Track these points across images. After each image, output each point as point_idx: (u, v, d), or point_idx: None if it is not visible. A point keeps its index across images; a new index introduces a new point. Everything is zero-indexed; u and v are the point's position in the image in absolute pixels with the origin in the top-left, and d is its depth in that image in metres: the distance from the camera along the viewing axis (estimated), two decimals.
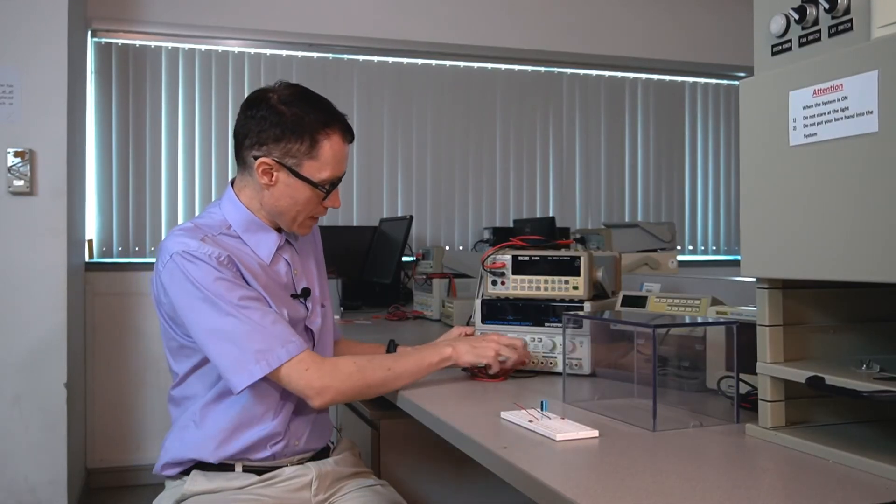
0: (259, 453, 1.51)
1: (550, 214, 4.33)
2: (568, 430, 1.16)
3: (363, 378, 1.43)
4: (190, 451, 1.50)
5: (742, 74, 4.61)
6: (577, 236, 3.25)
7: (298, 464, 1.56)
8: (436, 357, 1.49)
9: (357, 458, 1.71)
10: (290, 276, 1.57)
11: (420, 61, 4.17)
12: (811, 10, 1.03)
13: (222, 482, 1.49)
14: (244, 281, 1.44)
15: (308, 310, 1.58)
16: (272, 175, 1.48)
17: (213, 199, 3.83)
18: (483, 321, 1.73)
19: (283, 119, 1.45)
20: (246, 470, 1.51)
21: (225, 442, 1.49)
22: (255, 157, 1.48)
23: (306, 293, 1.58)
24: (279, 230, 1.57)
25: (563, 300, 1.67)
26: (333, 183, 1.51)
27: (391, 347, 1.75)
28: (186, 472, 1.51)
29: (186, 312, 1.42)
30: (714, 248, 4.72)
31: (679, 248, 4.52)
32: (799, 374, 1.05)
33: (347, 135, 1.52)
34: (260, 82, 3.89)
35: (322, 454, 1.63)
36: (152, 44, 3.79)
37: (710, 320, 1.45)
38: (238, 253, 1.48)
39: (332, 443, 1.70)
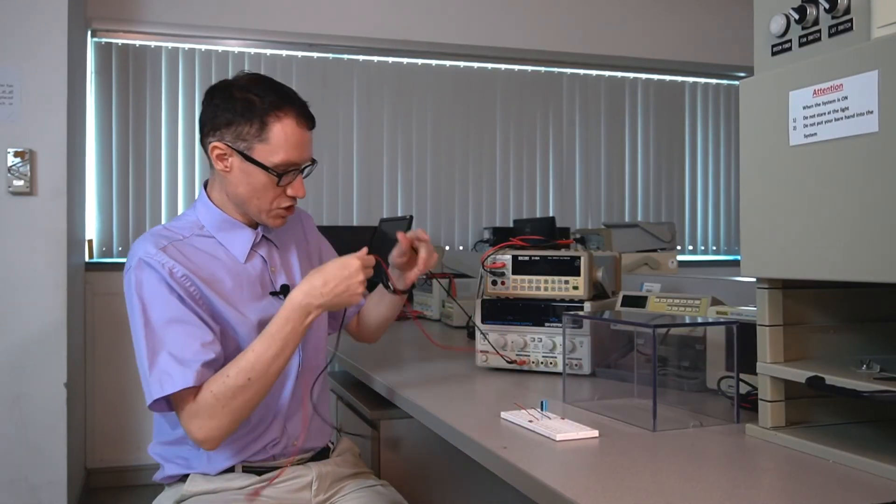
0: (258, 455, 1.51)
1: (550, 214, 4.33)
2: (568, 430, 1.16)
3: (230, 404, 1.33)
4: (190, 467, 1.50)
5: (742, 74, 4.61)
6: (577, 236, 3.25)
7: (298, 464, 1.56)
8: (288, 324, 1.36)
9: (357, 458, 1.71)
10: (267, 274, 1.54)
11: (420, 61, 4.17)
12: (811, 10, 1.03)
13: (222, 483, 1.49)
14: (193, 298, 1.40)
15: None
16: (227, 161, 1.46)
17: None
18: (483, 321, 1.73)
19: (234, 103, 1.44)
20: (246, 470, 1.51)
21: (221, 452, 1.48)
22: (210, 143, 1.47)
23: (286, 290, 1.54)
24: (255, 227, 1.55)
25: (563, 300, 1.67)
26: (290, 169, 1.46)
27: (385, 281, 1.68)
28: (187, 475, 1.51)
29: (129, 317, 1.41)
30: (714, 248, 4.72)
31: (679, 248, 4.52)
32: (799, 374, 1.05)
33: (304, 120, 1.46)
34: None
35: (322, 454, 1.63)
36: (152, 44, 3.79)
37: (710, 320, 1.45)
38: (204, 258, 1.46)
39: (333, 443, 1.70)
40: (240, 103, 1.43)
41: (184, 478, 1.51)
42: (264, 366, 1.34)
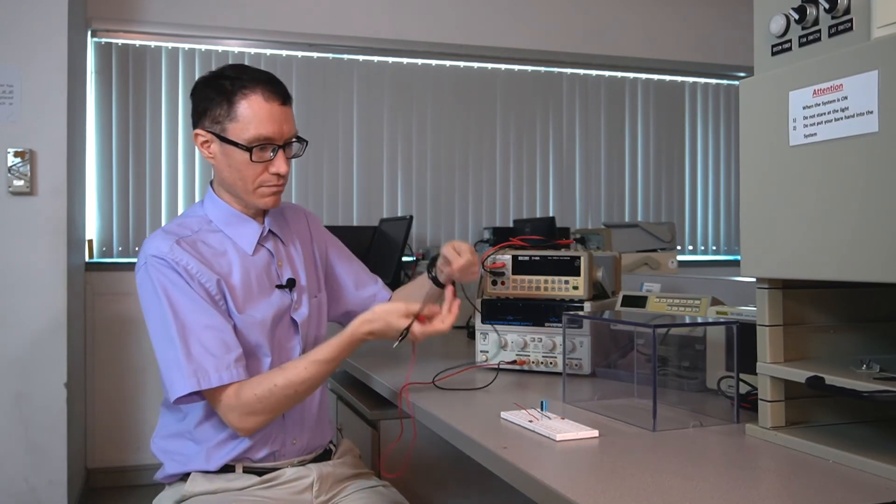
0: (257, 453, 1.51)
1: (550, 214, 4.33)
2: (568, 430, 1.16)
3: (272, 407, 1.43)
4: (190, 465, 1.51)
5: (742, 74, 4.61)
6: (577, 236, 3.25)
7: (299, 465, 1.56)
8: (346, 349, 1.45)
9: (358, 459, 1.71)
10: (273, 267, 1.57)
11: (420, 61, 4.17)
12: (811, 10, 1.03)
13: (223, 483, 1.49)
14: (209, 294, 1.45)
15: (293, 300, 1.58)
16: (210, 147, 1.51)
17: None
18: (483, 321, 1.73)
19: (208, 90, 1.49)
20: (246, 471, 1.51)
21: (221, 448, 1.50)
22: (194, 133, 1.53)
23: (291, 283, 1.58)
24: (262, 221, 1.58)
25: (563, 300, 1.67)
26: (265, 144, 1.47)
27: (431, 269, 1.69)
28: (187, 474, 1.51)
29: (146, 315, 1.46)
30: (714, 248, 4.72)
31: (679, 248, 4.52)
32: (799, 374, 1.05)
33: (273, 94, 1.47)
34: None
35: (324, 456, 1.63)
36: (152, 44, 3.79)
37: (710, 320, 1.45)
38: (214, 253, 1.50)
39: (335, 445, 1.69)
40: (212, 89, 1.49)
41: (184, 477, 1.51)
42: (312, 384, 1.45)
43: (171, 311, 1.41)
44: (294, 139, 1.52)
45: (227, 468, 1.50)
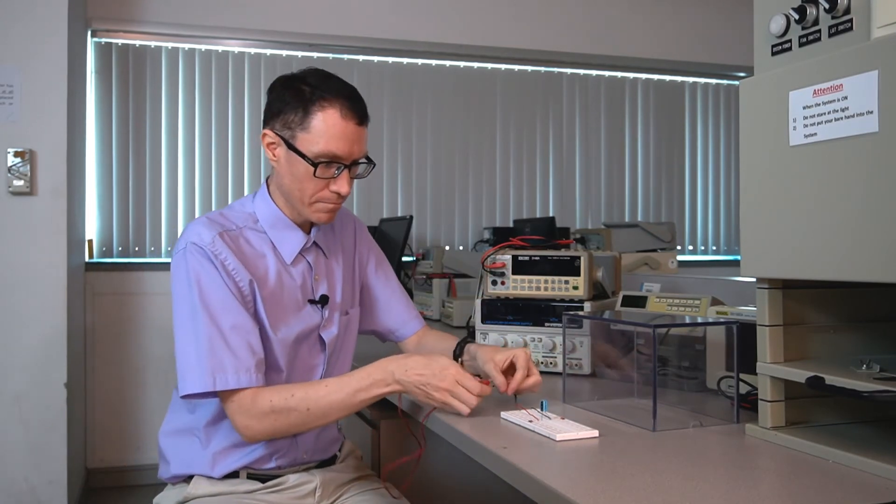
0: (264, 465, 1.50)
1: (550, 214, 4.33)
2: (568, 430, 1.16)
3: (281, 419, 1.35)
4: (195, 468, 1.49)
5: (742, 74, 4.61)
6: (577, 236, 3.25)
7: (303, 471, 1.55)
8: (368, 394, 1.34)
9: (359, 461, 1.71)
10: (310, 280, 1.52)
11: (420, 61, 4.17)
12: (811, 10, 1.03)
13: (226, 486, 1.48)
14: (241, 294, 1.40)
15: (323, 318, 1.53)
16: (276, 150, 1.45)
17: (213, 199, 3.84)
18: (483, 321, 1.73)
19: (286, 93, 1.43)
20: (250, 477, 1.50)
21: (228, 456, 1.48)
22: (262, 132, 1.46)
23: (324, 300, 1.52)
24: (308, 231, 1.52)
25: (563, 300, 1.67)
26: (332, 161, 1.41)
27: (460, 348, 1.59)
28: (191, 476, 1.51)
29: (174, 300, 1.40)
30: (714, 248, 4.72)
31: (679, 248, 4.52)
32: (799, 374, 1.05)
33: (350, 112, 1.42)
34: (260, 82, 3.89)
35: (327, 461, 1.61)
36: (152, 44, 3.79)
37: (710, 320, 1.45)
38: (253, 254, 1.45)
39: (338, 451, 1.68)
40: (290, 92, 1.42)
41: (187, 479, 1.51)
42: (327, 406, 1.34)
43: (201, 302, 1.36)
44: (362, 160, 1.47)
45: (231, 474, 1.49)
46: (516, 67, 4.32)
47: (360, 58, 4.06)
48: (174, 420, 1.56)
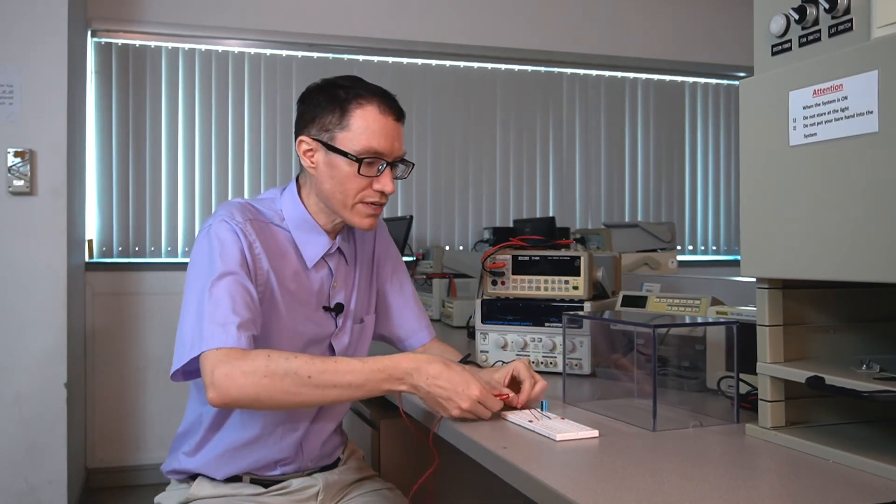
0: (268, 472, 1.50)
1: (550, 214, 4.33)
2: (568, 430, 1.16)
3: (273, 382, 1.22)
4: (198, 468, 1.49)
5: (742, 74, 4.61)
6: (577, 236, 3.25)
7: (306, 475, 1.55)
8: (379, 386, 1.26)
9: (361, 461, 1.70)
10: (327, 287, 1.49)
11: (420, 61, 4.17)
12: (811, 10, 1.03)
13: (229, 489, 1.48)
14: (258, 280, 1.36)
15: (337, 326, 1.51)
16: (313, 156, 1.42)
17: (213, 199, 3.84)
18: (483, 321, 1.73)
19: (321, 97, 1.42)
20: (253, 481, 1.50)
21: (232, 459, 1.47)
22: (297, 140, 1.44)
23: (339, 308, 1.50)
24: (334, 237, 1.50)
25: (563, 300, 1.67)
26: (374, 158, 1.39)
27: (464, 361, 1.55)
28: (193, 477, 1.51)
29: (193, 263, 1.36)
30: (714, 248, 4.72)
31: (679, 248, 4.52)
32: (799, 374, 1.05)
33: (388, 108, 1.42)
34: (260, 82, 3.89)
35: (331, 464, 1.61)
36: (152, 44, 3.79)
37: (710, 320, 1.45)
38: (277, 249, 1.42)
39: (342, 454, 1.67)
40: (325, 96, 1.41)
41: (190, 478, 1.51)
42: (329, 382, 1.23)
43: (216, 269, 1.30)
44: (401, 160, 1.46)
45: (234, 478, 1.49)
46: (516, 67, 4.32)
47: (360, 58, 4.06)
48: (186, 418, 1.55)
